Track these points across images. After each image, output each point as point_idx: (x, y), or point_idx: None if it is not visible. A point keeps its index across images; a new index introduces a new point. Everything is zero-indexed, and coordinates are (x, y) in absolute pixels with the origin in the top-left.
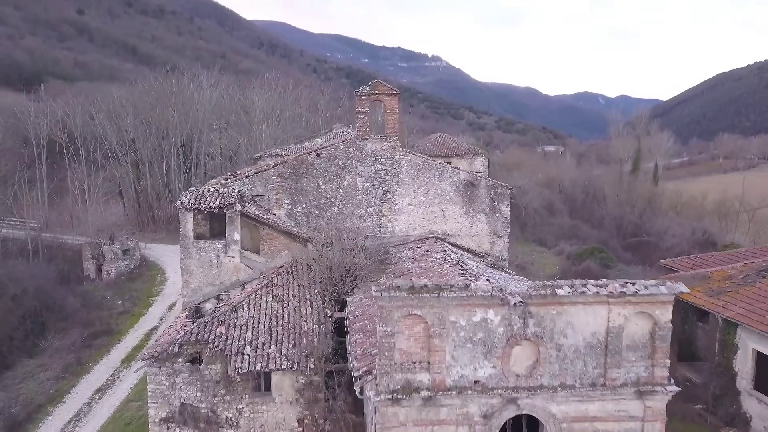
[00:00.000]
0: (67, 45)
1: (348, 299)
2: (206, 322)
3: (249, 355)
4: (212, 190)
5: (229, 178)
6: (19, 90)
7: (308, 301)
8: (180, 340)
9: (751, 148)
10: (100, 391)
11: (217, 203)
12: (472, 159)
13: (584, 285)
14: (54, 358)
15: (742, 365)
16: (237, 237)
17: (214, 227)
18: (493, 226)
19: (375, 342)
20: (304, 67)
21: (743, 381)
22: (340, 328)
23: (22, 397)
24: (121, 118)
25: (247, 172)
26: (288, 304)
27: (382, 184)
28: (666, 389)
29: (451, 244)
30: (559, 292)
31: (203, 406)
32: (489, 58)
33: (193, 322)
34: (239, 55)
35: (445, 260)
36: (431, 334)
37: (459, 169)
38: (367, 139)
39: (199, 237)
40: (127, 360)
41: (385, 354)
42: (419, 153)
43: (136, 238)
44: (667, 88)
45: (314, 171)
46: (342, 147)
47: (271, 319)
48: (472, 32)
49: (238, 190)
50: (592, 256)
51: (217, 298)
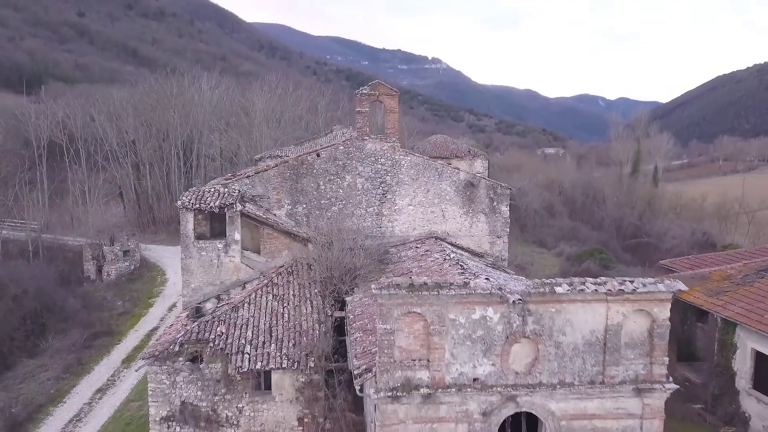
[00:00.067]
0: (67, 47)
1: (348, 298)
2: (207, 322)
3: (249, 354)
4: (213, 190)
5: (230, 179)
6: (20, 92)
7: (308, 301)
8: (180, 339)
9: (751, 151)
10: (101, 391)
11: (217, 203)
12: (472, 160)
13: (583, 283)
14: (54, 359)
15: (741, 365)
16: (237, 237)
17: (214, 227)
18: (492, 226)
19: (375, 340)
20: (304, 70)
21: (742, 380)
22: (340, 328)
23: (23, 397)
24: (121, 119)
25: (248, 173)
26: (288, 304)
27: (382, 185)
28: (664, 387)
29: (450, 244)
30: (558, 290)
31: (204, 404)
32: (489, 60)
33: (194, 322)
34: (239, 58)
35: (445, 260)
36: (431, 331)
37: (458, 170)
38: (367, 140)
39: (199, 237)
40: (128, 360)
41: (385, 351)
42: (419, 154)
43: (137, 239)
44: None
45: (314, 171)
46: (342, 147)
47: (271, 319)
48: (471, 34)
49: (239, 191)
50: (591, 257)
51: (218, 298)
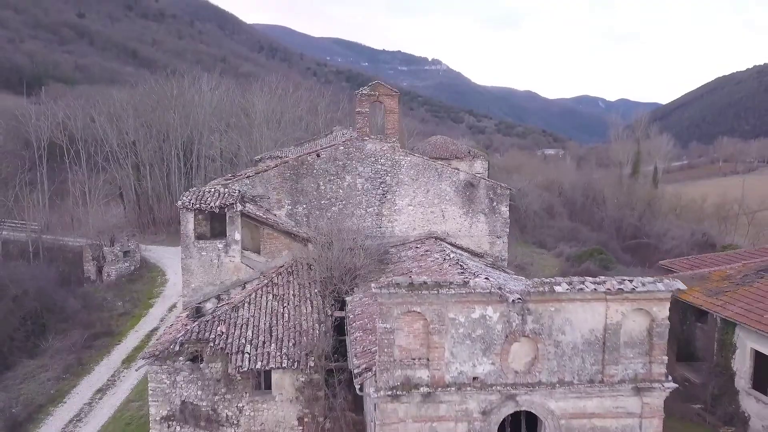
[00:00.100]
0: (67, 48)
1: (348, 298)
2: (207, 321)
3: (249, 354)
4: (213, 190)
5: (230, 179)
6: (20, 93)
7: (308, 301)
8: (181, 338)
9: (751, 152)
10: (101, 391)
11: (217, 203)
12: (472, 161)
13: (582, 282)
14: (55, 359)
15: (741, 364)
16: (238, 237)
17: (214, 227)
18: (492, 226)
19: (375, 340)
20: (304, 71)
21: (741, 380)
22: (340, 327)
23: (23, 398)
24: (121, 120)
25: (248, 173)
26: (288, 304)
27: (382, 185)
28: (663, 386)
29: (450, 244)
30: (558, 289)
31: (204, 404)
32: (489, 61)
33: (194, 322)
34: (239, 59)
35: (445, 260)
36: (430, 330)
37: (458, 170)
38: (367, 140)
39: (199, 237)
40: (128, 361)
41: (385, 350)
42: (419, 154)
43: (137, 240)
44: (666, 92)
45: (314, 171)
46: (342, 148)
47: (271, 318)
48: (471, 35)
49: (239, 191)
50: (591, 258)
51: (218, 298)
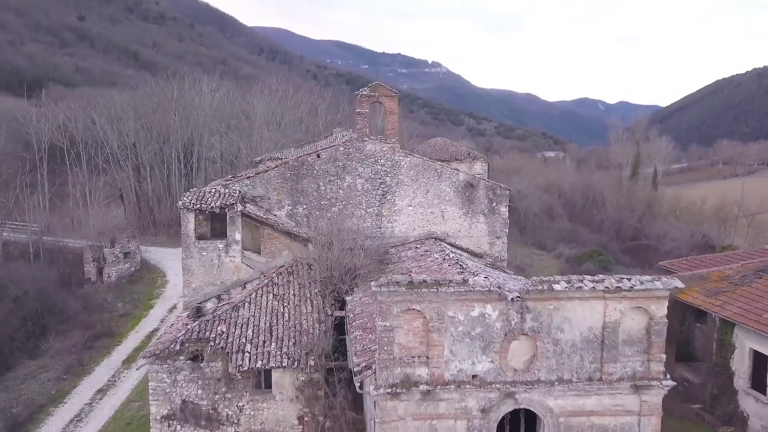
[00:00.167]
0: (68, 51)
1: (348, 298)
2: (207, 321)
3: (250, 353)
4: (213, 191)
5: (230, 180)
6: (20, 95)
7: (308, 300)
8: (181, 338)
9: (750, 154)
10: (101, 391)
11: (218, 203)
12: (472, 163)
13: (581, 280)
14: (55, 360)
15: (740, 364)
16: (238, 237)
17: (215, 227)
18: (491, 226)
19: (375, 338)
20: (305, 74)
21: (740, 380)
22: (340, 327)
23: (24, 398)
24: (122, 122)
25: (248, 174)
26: (288, 303)
27: (382, 185)
28: (662, 384)
29: (450, 244)
30: (556, 287)
31: (204, 403)
32: (489, 64)
33: (195, 321)
34: (240, 61)
35: (444, 260)
36: (430, 328)
37: (458, 171)
38: (366, 141)
39: (200, 237)
40: (128, 361)
41: (385, 348)
42: (418, 155)
43: (137, 241)
44: (666, 94)
45: (314, 172)
46: (342, 148)
47: (271, 318)
48: (471, 38)
49: (239, 191)
50: (591, 259)
51: (218, 298)
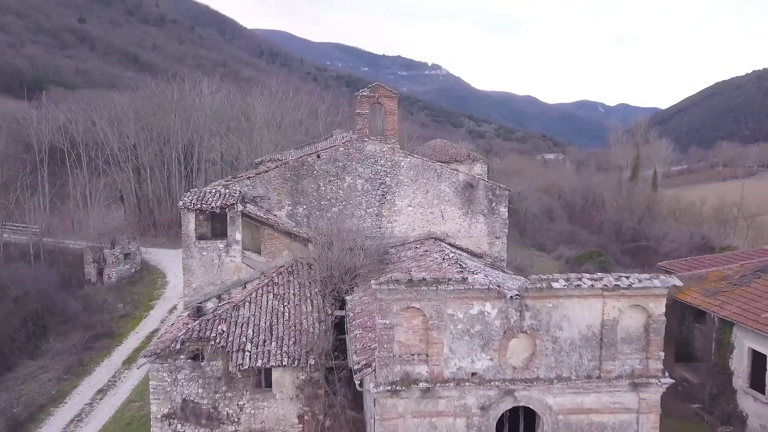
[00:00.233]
0: (68, 53)
1: (348, 297)
2: (208, 320)
3: (250, 352)
4: (214, 191)
5: (231, 180)
6: (21, 98)
7: (308, 300)
8: (182, 337)
9: (750, 156)
10: (102, 391)
11: (218, 203)
12: (472, 165)
13: (579, 278)
14: (55, 360)
15: (738, 364)
16: (238, 237)
17: (215, 228)
18: (491, 227)
19: (374, 337)
20: (305, 76)
21: (739, 380)
22: (340, 326)
23: (24, 398)
24: (122, 124)
25: (249, 174)
26: (289, 303)
27: (382, 186)
28: (660, 381)
29: (449, 244)
30: (555, 285)
31: (205, 402)
32: (488, 66)
33: (195, 320)
34: (240, 64)
35: (444, 259)
36: (429, 326)
37: (457, 171)
38: (366, 141)
39: (200, 237)
40: (129, 362)
41: (384, 346)
42: (418, 155)
43: (137, 242)
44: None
45: (314, 172)
46: (342, 149)
47: (271, 317)
48: (471, 40)
49: (240, 191)
50: (590, 260)
51: (219, 298)
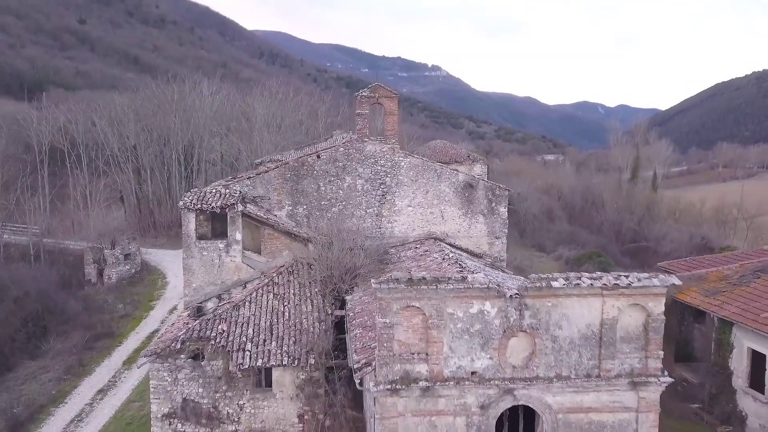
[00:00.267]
0: (68, 54)
1: (348, 297)
2: (208, 320)
3: (250, 352)
4: (214, 191)
5: (231, 180)
6: (21, 99)
7: (309, 300)
8: (182, 336)
9: (750, 158)
10: (102, 392)
11: (219, 203)
12: (471, 165)
13: (579, 277)
14: (56, 360)
15: (738, 364)
16: (239, 237)
17: (216, 228)
18: (491, 227)
19: (374, 336)
20: (305, 77)
21: (739, 379)
22: (340, 326)
23: (24, 398)
24: (122, 124)
25: (249, 174)
26: (289, 303)
27: (382, 186)
28: (659, 380)
29: (449, 244)
30: (554, 284)
31: (205, 401)
32: (488, 67)
33: (195, 320)
34: (240, 65)
35: (444, 259)
36: (429, 325)
37: (457, 171)
38: (366, 141)
39: (201, 237)
40: (129, 362)
41: (384, 345)
42: (418, 155)
43: (137, 243)
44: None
45: (315, 173)
46: (342, 149)
47: (272, 317)
48: (471, 42)
49: (240, 191)
50: (590, 261)
51: (219, 297)
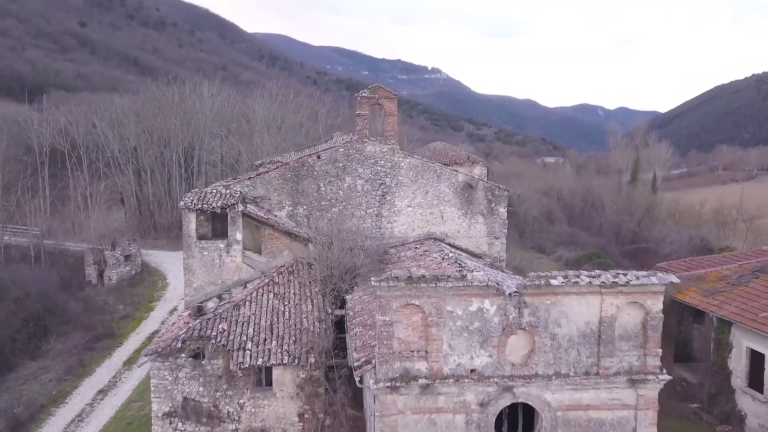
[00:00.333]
0: (69, 57)
1: (348, 297)
2: (209, 319)
3: (250, 351)
4: (215, 191)
5: (231, 181)
6: (22, 101)
7: (309, 299)
8: (183, 336)
9: (750, 160)
10: (102, 392)
11: (219, 204)
12: (471, 167)
13: (577, 275)
14: (56, 361)
15: (737, 363)
16: (239, 237)
17: (216, 228)
18: (490, 227)
19: (374, 334)
20: (305, 79)
21: (738, 379)
22: (340, 325)
23: (25, 398)
24: (123, 126)
25: (249, 175)
26: (289, 302)
27: (382, 186)
28: (658, 378)
29: (449, 245)
30: (553, 282)
31: (205, 400)
32: (488, 70)
33: (196, 320)
34: (240, 67)
35: (444, 259)
36: (429, 323)
37: (457, 171)
38: (366, 142)
39: (201, 237)
40: (129, 362)
41: (384, 343)
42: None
43: (138, 244)
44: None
45: (315, 173)
46: (342, 149)
47: (272, 316)
48: (471, 44)
49: (240, 192)
50: (590, 262)
51: (219, 297)
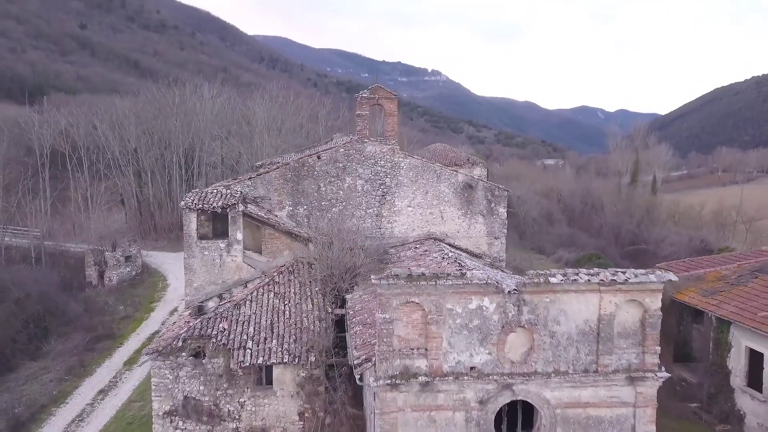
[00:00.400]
0: (69, 59)
1: (348, 296)
2: (209, 318)
3: (251, 349)
4: (215, 191)
5: (232, 181)
6: (22, 103)
7: (309, 299)
8: (183, 334)
9: (750, 162)
10: (103, 392)
11: (220, 203)
12: (471, 168)
13: (576, 273)
14: (57, 361)
15: (736, 363)
16: (239, 236)
17: (216, 227)
18: (490, 227)
19: (374, 333)
20: (305, 82)
21: (737, 378)
22: (340, 324)
23: (26, 398)
24: (123, 128)
25: (250, 175)
26: (289, 301)
27: (382, 186)
28: (656, 375)
29: (449, 244)
30: (552, 280)
31: (206, 399)
32: (488, 72)
33: (197, 319)
34: (240, 69)
35: (444, 259)
36: (429, 321)
37: (457, 172)
38: (366, 142)
39: (202, 237)
40: (130, 362)
41: (384, 340)
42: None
43: (138, 245)
44: (665, 103)
45: (315, 173)
46: (342, 150)
47: (272, 316)
48: (471, 47)
49: (241, 192)
50: (589, 263)
51: (220, 297)
